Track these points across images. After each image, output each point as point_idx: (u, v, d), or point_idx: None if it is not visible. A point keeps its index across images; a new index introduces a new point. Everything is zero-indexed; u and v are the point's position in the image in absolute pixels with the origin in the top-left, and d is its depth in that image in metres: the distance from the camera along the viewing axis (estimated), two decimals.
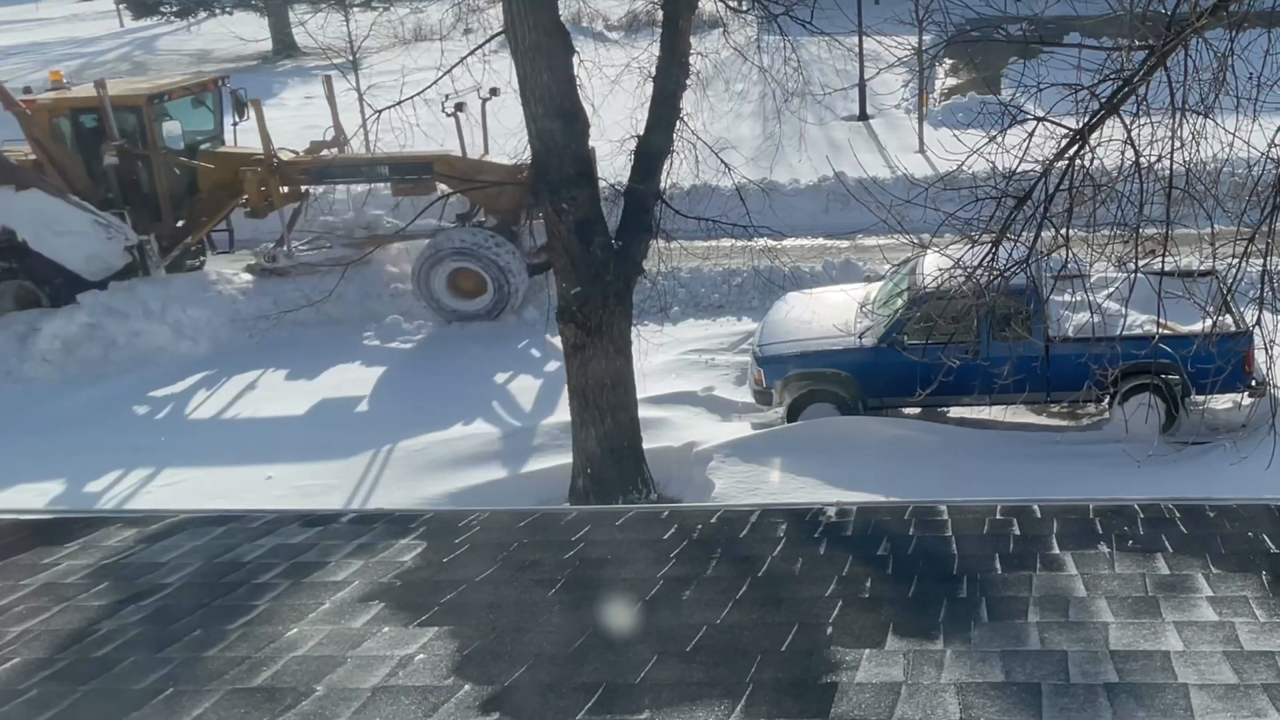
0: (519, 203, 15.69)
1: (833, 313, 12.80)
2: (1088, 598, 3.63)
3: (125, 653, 3.47)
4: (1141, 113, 6.73)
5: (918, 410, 12.38)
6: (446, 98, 15.19)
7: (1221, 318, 10.51)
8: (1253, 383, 11.44)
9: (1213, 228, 7.21)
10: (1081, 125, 6.74)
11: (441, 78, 14.25)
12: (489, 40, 11.89)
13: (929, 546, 4.14)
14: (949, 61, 27.06)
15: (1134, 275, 7.54)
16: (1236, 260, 7.01)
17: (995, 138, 7.04)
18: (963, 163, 6.88)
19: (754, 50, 14.84)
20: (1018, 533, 4.22)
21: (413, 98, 12.63)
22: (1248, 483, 8.00)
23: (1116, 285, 11.15)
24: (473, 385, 13.98)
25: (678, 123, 10.85)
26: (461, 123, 16.24)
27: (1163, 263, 7.21)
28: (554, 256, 10.57)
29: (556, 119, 9.77)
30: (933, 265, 9.90)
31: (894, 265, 13.14)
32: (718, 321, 15.73)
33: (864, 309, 12.69)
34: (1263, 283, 7.13)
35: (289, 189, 16.39)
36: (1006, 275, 7.32)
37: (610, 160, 11.89)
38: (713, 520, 4.49)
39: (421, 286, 15.70)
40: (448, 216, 16.22)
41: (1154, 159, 6.80)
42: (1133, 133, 6.74)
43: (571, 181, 9.92)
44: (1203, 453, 11.04)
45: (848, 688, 3.11)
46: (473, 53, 11.95)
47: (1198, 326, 10.56)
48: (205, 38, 37.16)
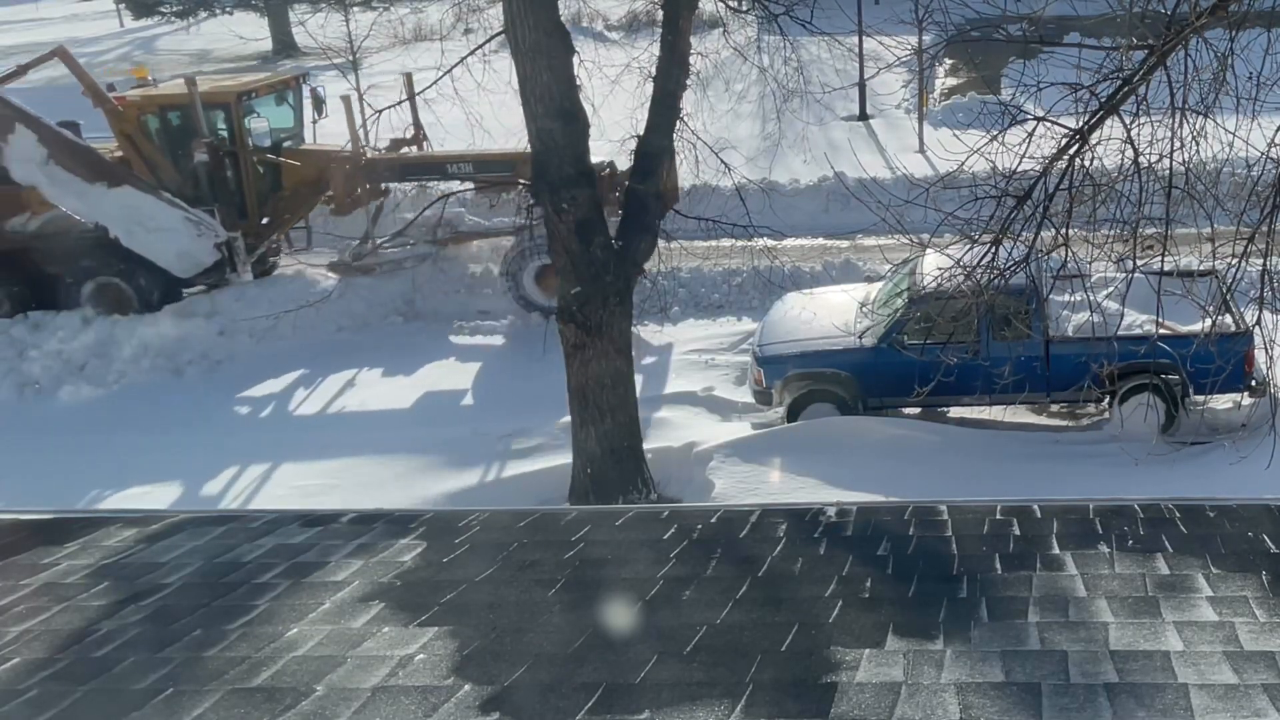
0: (601, 198, 15.75)
1: (833, 313, 12.80)
2: (1088, 598, 3.63)
3: (125, 653, 3.47)
4: (1141, 113, 6.73)
5: (918, 410, 12.38)
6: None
7: (1221, 318, 10.51)
8: (1253, 383, 11.44)
9: (1213, 227, 7.21)
10: (1081, 125, 6.74)
11: (441, 77, 14.27)
12: (489, 40, 11.91)
13: (929, 546, 4.14)
14: (949, 61, 27.07)
15: (1133, 275, 7.55)
16: (1236, 260, 7.01)
17: (995, 138, 7.05)
18: (963, 163, 6.88)
19: (754, 50, 14.86)
20: (1018, 533, 4.22)
21: (412, 98, 12.66)
22: (1248, 483, 8.00)
23: (1116, 285, 11.15)
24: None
25: (678, 123, 10.85)
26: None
27: (1162, 262, 7.20)
28: (554, 257, 10.57)
29: (556, 119, 9.77)
30: (933, 265, 9.90)
31: (894, 265, 13.14)
32: (718, 321, 15.73)
33: (864, 309, 12.69)
34: (1263, 283, 7.13)
35: (371, 186, 16.36)
36: (1006, 275, 7.32)
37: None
38: (713, 520, 4.49)
39: (511, 282, 15.74)
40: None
41: (1154, 159, 6.80)
42: (1133, 132, 6.74)
43: (571, 181, 9.92)
44: (1203, 453, 11.04)
45: (848, 688, 3.11)
46: (473, 53, 11.97)
47: (1198, 326, 10.56)
48: (205, 38, 37.16)
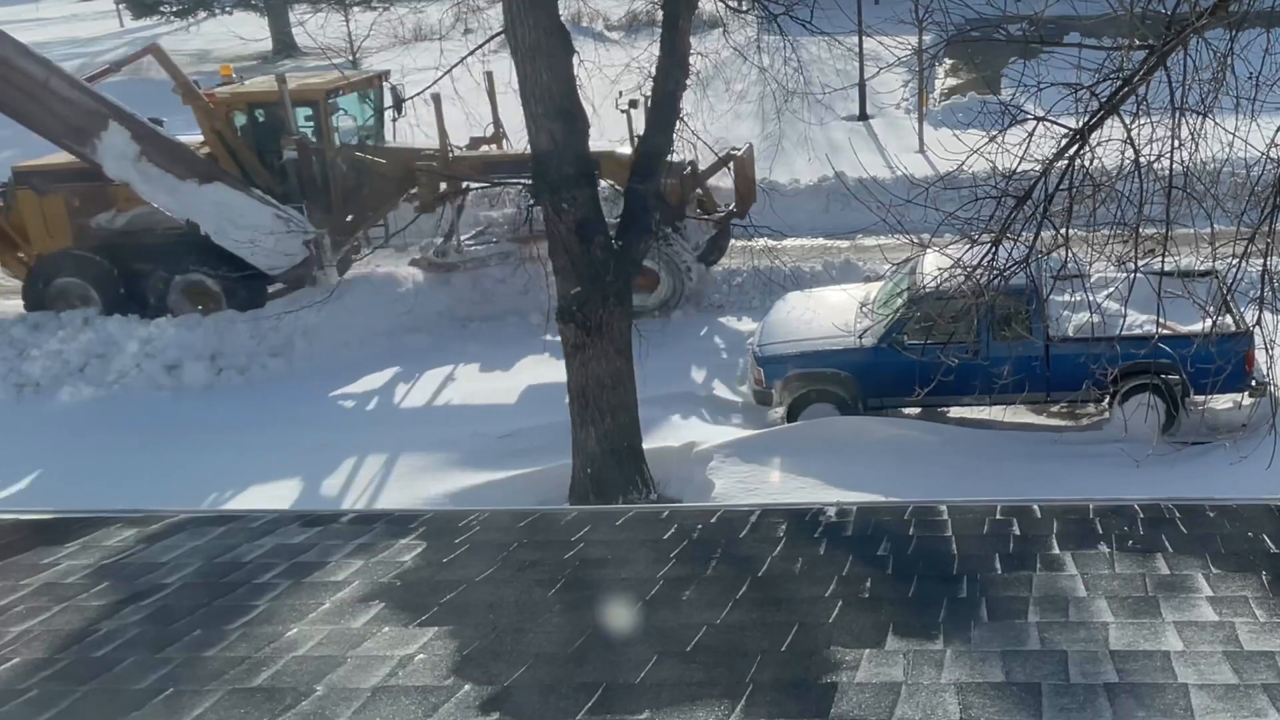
0: (682, 199, 15.84)
1: (833, 313, 12.80)
2: (1088, 598, 3.63)
3: (125, 653, 3.47)
4: (1141, 113, 6.73)
5: (918, 410, 12.38)
6: (620, 94, 15.29)
7: (1221, 318, 10.51)
8: (1253, 383, 11.44)
9: (1212, 228, 7.21)
10: (1081, 125, 6.74)
11: (441, 78, 14.28)
12: (489, 40, 11.90)
13: (929, 546, 4.14)
14: (949, 61, 27.07)
15: (1133, 275, 7.54)
16: (1236, 260, 7.01)
17: (995, 138, 7.05)
18: (963, 163, 6.88)
19: (754, 50, 14.85)
20: (1018, 533, 4.22)
21: (413, 98, 12.67)
22: (1248, 483, 7.99)
23: (1116, 285, 11.15)
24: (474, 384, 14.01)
25: (678, 123, 10.85)
26: (633, 119, 16.33)
27: (1162, 263, 7.20)
28: (554, 257, 10.57)
29: (556, 119, 9.77)
30: (933, 265, 9.91)
31: (894, 265, 13.14)
32: (718, 321, 15.72)
33: (864, 309, 12.69)
34: (1263, 283, 7.13)
35: (454, 184, 16.39)
36: (1006, 275, 7.32)
37: None
38: (713, 520, 4.49)
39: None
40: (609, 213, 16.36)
41: (1154, 159, 6.80)
42: (1133, 132, 6.74)
43: (571, 181, 9.92)
44: (1203, 453, 11.03)
45: (848, 688, 3.11)
46: (473, 53, 11.96)
47: (1198, 326, 10.56)
48: (205, 38, 37.17)
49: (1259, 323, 7.36)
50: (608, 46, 18.14)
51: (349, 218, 16.20)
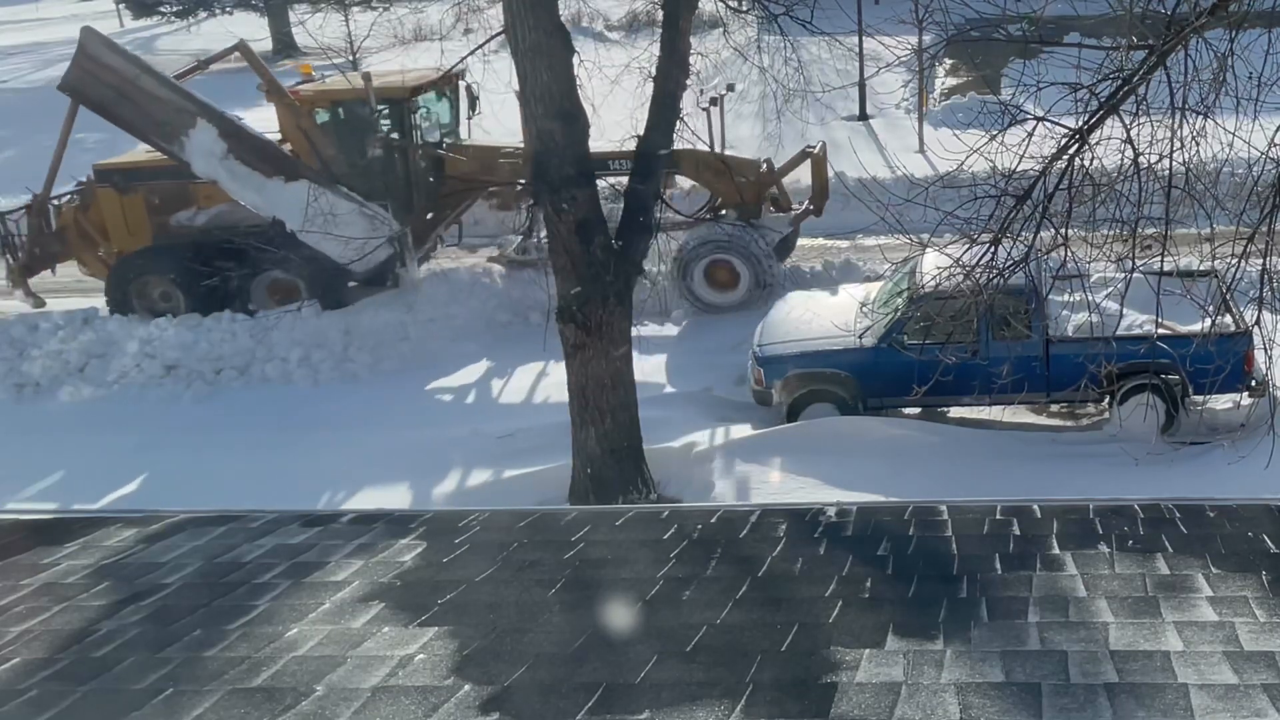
0: (758, 196, 15.88)
1: (833, 313, 12.80)
2: (1088, 598, 3.63)
3: (125, 653, 3.47)
4: (1141, 113, 6.73)
5: (918, 410, 12.38)
6: (701, 91, 15.32)
7: (1221, 317, 10.50)
8: (1252, 383, 11.44)
9: (1212, 228, 7.21)
10: (1081, 125, 6.74)
11: (439, 77, 14.27)
12: (489, 40, 11.92)
13: (929, 546, 4.14)
14: (949, 61, 27.06)
15: (1132, 275, 7.55)
16: (1236, 260, 7.01)
17: (995, 137, 7.05)
18: (963, 162, 6.88)
19: (754, 50, 14.86)
20: (1018, 533, 4.22)
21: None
22: (1248, 483, 7.99)
23: (1116, 285, 11.15)
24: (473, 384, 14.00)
25: (678, 123, 10.85)
26: (713, 116, 16.35)
27: (1162, 262, 7.20)
28: (554, 256, 10.57)
29: (556, 119, 9.76)
30: (932, 265, 9.91)
31: (894, 265, 13.14)
32: (718, 321, 15.72)
33: (864, 309, 12.69)
34: (1262, 283, 7.13)
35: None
36: (1006, 275, 7.32)
37: None
38: (713, 520, 4.49)
39: (679, 278, 15.75)
40: (688, 209, 16.44)
41: (1154, 159, 6.79)
42: (1133, 132, 6.73)
43: (571, 181, 9.92)
44: (1202, 453, 11.03)
45: (848, 688, 3.11)
46: (473, 53, 11.98)
47: (1197, 326, 10.56)
48: (205, 38, 37.07)
49: (1258, 322, 7.36)
50: (608, 46, 18.15)
51: (429, 216, 16.18)
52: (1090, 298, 9.35)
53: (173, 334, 14.94)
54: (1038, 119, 6.88)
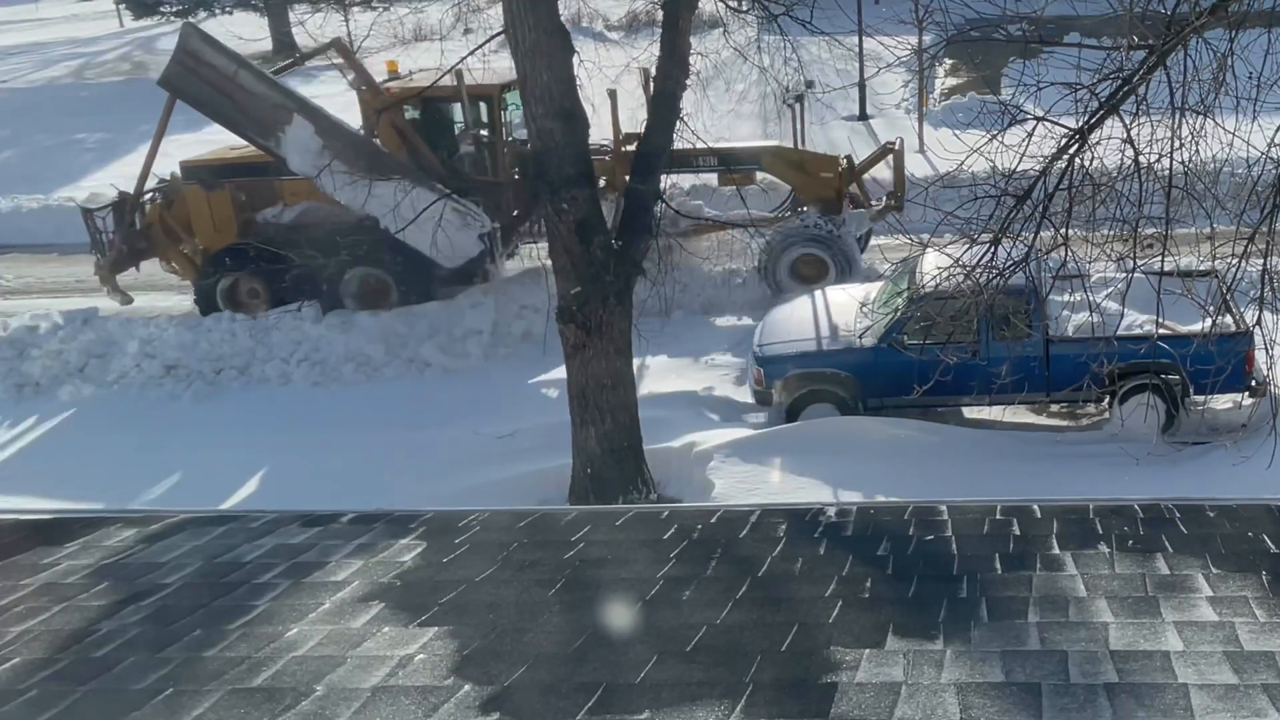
0: (840, 191, 15.97)
1: (833, 313, 12.80)
2: (1088, 598, 3.63)
3: (125, 653, 3.47)
4: (1141, 113, 6.73)
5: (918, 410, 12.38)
6: (786, 89, 15.37)
7: (1221, 318, 10.50)
8: (1253, 383, 11.44)
9: (1212, 227, 7.21)
10: (1081, 125, 6.74)
11: (441, 77, 14.29)
12: (489, 40, 11.90)
13: (929, 546, 4.14)
14: (949, 61, 27.06)
15: (1132, 275, 7.55)
16: (1236, 260, 7.01)
17: (995, 137, 7.05)
18: (962, 162, 6.89)
19: (754, 50, 14.86)
20: (1018, 533, 4.22)
21: (412, 97, 12.68)
22: (1248, 483, 8.00)
23: (1116, 285, 11.15)
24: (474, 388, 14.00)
25: (678, 123, 10.86)
26: (797, 114, 16.37)
27: (1162, 262, 7.20)
28: (554, 257, 10.57)
29: (556, 119, 9.77)
30: (933, 265, 9.91)
31: (894, 265, 13.14)
32: (718, 321, 15.72)
33: (864, 309, 12.69)
34: (1263, 283, 7.13)
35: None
36: (1006, 275, 7.32)
37: None
38: (713, 520, 4.49)
39: (768, 272, 15.80)
40: (769, 206, 16.54)
41: (1154, 159, 6.80)
42: (1133, 132, 6.73)
43: (571, 181, 9.92)
44: (1203, 453, 11.04)
45: (848, 688, 3.11)
46: (472, 53, 11.96)
47: (1198, 326, 10.56)
48: None
49: (1259, 322, 7.36)
50: (608, 46, 18.12)
51: (515, 212, 16.23)
52: (1090, 297, 9.35)
53: (173, 334, 14.95)
54: (1038, 119, 6.88)
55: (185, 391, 14.21)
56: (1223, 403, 11.82)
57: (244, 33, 30.97)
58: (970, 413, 12.51)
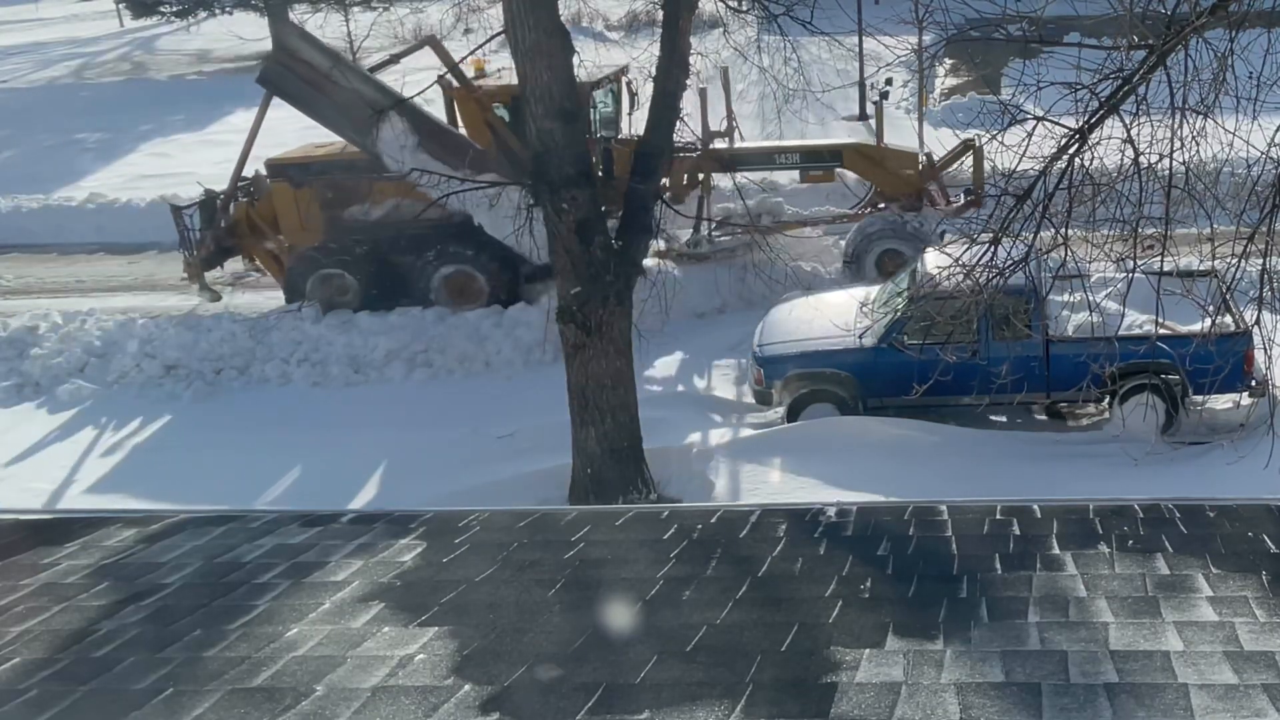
0: (919, 188, 15.96)
1: (833, 313, 12.80)
2: (1088, 598, 3.63)
3: (125, 653, 3.47)
4: (1141, 113, 6.73)
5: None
6: (871, 86, 15.41)
7: (1221, 317, 10.50)
8: (1252, 383, 11.44)
9: (1212, 227, 7.21)
10: (1081, 125, 6.74)
11: (441, 77, 14.30)
12: (489, 40, 11.92)
13: (929, 546, 4.14)
14: (949, 61, 27.06)
15: (1133, 275, 7.55)
16: (1236, 260, 7.01)
17: (995, 137, 7.05)
18: (962, 163, 6.89)
19: (754, 50, 14.87)
20: (1018, 533, 4.22)
21: (413, 97, 12.68)
22: (1248, 483, 7.99)
23: (1116, 285, 11.15)
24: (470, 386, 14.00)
25: (678, 123, 10.86)
26: (883, 111, 16.38)
27: (1162, 262, 7.20)
28: (554, 256, 10.57)
29: (556, 119, 9.77)
30: (933, 265, 9.91)
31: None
32: (718, 321, 15.71)
33: (864, 309, 12.69)
34: (1262, 283, 7.13)
35: (705, 176, 16.39)
36: (1006, 274, 7.32)
37: None
38: (713, 520, 4.49)
39: (852, 267, 15.82)
40: (847, 203, 16.62)
41: (1154, 159, 6.79)
42: (1133, 132, 6.73)
43: (571, 181, 9.92)
44: (1202, 453, 11.03)
45: (848, 688, 3.11)
46: (472, 53, 11.98)
47: (1197, 326, 10.56)
48: (205, 38, 37.16)
49: (1258, 322, 7.35)
50: (608, 46, 18.15)
51: (603, 208, 16.21)
52: (1090, 298, 9.35)
53: (173, 334, 14.95)
54: (1038, 119, 6.88)
55: (185, 391, 14.21)
56: (1222, 403, 11.81)
57: (244, 32, 31.05)
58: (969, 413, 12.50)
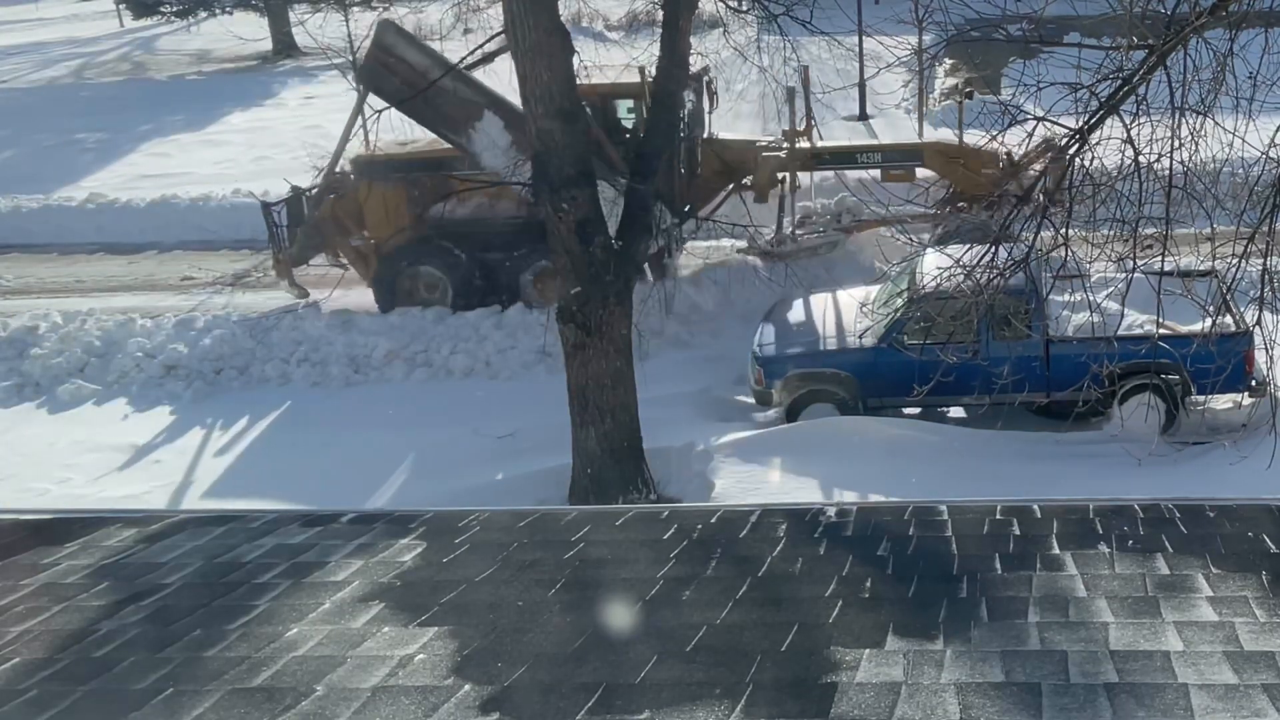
0: (994, 184, 15.91)
1: (832, 313, 12.80)
2: (1088, 598, 3.63)
3: (125, 653, 3.47)
4: (1141, 112, 6.73)
5: (918, 410, 12.38)
6: (956, 86, 15.41)
7: (1221, 317, 10.49)
8: (1253, 383, 11.44)
9: (1212, 227, 7.21)
10: (1081, 125, 6.75)
11: (442, 77, 14.28)
12: (489, 40, 11.91)
13: (929, 546, 4.14)
14: (949, 61, 27.05)
15: (1131, 274, 7.55)
16: (1236, 260, 7.01)
17: (995, 137, 7.05)
18: (962, 163, 6.89)
19: (754, 50, 14.88)
20: (1018, 533, 4.22)
21: (413, 97, 12.69)
22: (1248, 483, 7.99)
23: (1116, 285, 11.14)
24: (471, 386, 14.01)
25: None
26: (964, 111, 16.38)
27: (1162, 262, 7.21)
28: (554, 257, 10.58)
29: (556, 119, 9.77)
30: (933, 265, 9.90)
31: (894, 265, 13.13)
32: (718, 321, 15.71)
33: (864, 309, 12.69)
34: (1262, 282, 7.13)
35: (792, 176, 16.40)
36: (1006, 275, 7.32)
37: None
38: (713, 520, 4.49)
39: None
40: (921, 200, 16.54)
41: (1154, 159, 6.80)
42: (1132, 132, 6.74)
43: (571, 181, 9.92)
44: (1203, 453, 11.03)
45: (848, 688, 3.11)
46: (472, 53, 11.97)
47: (1198, 326, 10.56)
48: (205, 38, 37.16)
49: (1259, 322, 7.36)
50: (608, 46, 18.14)
51: (686, 208, 16.23)
52: (1090, 298, 9.35)
53: (173, 334, 14.95)
54: (1038, 119, 6.88)
55: (185, 391, 14.21)
56: (1223, 403, 11.81)
57: (245, 32, 31.06)
58: (969, 413, 12.50)
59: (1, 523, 4.70)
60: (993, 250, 7.20)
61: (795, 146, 15.92)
